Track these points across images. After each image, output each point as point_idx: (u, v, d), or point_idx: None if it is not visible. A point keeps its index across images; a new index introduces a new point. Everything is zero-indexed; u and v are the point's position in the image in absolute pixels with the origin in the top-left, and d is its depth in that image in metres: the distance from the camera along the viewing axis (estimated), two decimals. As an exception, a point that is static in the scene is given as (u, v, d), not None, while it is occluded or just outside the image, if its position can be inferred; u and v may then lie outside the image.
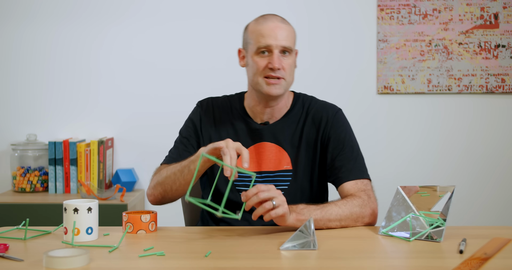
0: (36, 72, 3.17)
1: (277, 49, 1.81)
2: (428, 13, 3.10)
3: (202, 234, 1.69)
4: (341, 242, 1.60)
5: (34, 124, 3.18)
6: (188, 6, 3.14)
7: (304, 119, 1.92)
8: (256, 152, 1.89)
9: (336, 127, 1.91)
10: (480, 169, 3.15)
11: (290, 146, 1.89)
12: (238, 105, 1.95)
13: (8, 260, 1.41)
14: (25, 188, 3.00)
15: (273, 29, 1.81)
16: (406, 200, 1.67)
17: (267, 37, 1.81)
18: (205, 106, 1.97)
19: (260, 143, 1.90)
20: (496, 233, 1.64)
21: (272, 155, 1.89)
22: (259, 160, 1.89)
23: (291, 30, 1.85)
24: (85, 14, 3.15)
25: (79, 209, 1.56)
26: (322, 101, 1.98)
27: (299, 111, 1.93)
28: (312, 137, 1.91)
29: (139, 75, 3.16)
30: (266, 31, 1.82)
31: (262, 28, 1.83)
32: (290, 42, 1.83)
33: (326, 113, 1.92)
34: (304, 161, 1.89)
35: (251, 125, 1.91)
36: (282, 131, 1.90)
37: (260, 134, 1.90)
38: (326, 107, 1.95)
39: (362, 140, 3.15)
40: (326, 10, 3.13)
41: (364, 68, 3.14)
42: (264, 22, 1.84)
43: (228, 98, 1.99)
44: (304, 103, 1.95)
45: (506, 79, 3.10)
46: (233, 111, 1.95)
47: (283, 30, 1.82)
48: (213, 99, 1.99)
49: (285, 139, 1.90)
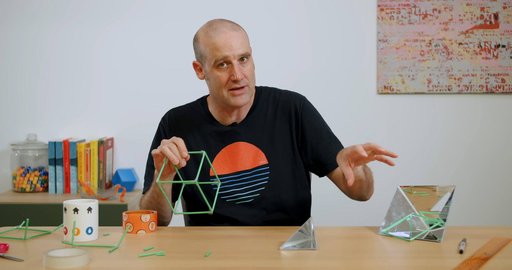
0: (36, 72, 3.17)
1: (235, 59, 1.78)
2: (428, 13, 3.10)
3: (202, 234, 1.69)
4: (341, 242, 1.60)
5: (34, 124, 3.18)
6: (188, 6, 3.14)
7: (273, 112, 1.92)
8: (229, 153, 1.89)
9: (308, 117, 1.92)
10: (480, 169, 3.15)
11: (262, 141, 1.89)
12: (202, 111, 1.94)
13: (8, 260, 1.41)
14: (25, 188, 3.00)
15: (227, 40, 1.78)
16: (406, 200, 1.67)
17: (222, 50, 1.77)
18: (167, 121, 1.96)
19: (232, 144, 1.89)
20: (496, 233, 1.63)
21: (245, 153, 1.88)
22: (233, 161, 1.88)
23: (243, 35, 1.82)
24: (85, 14, 3.15)
25: (79, 209, 1.56)
26: (285, 91, 1.97)
27: (264, 105, 1.93)
28: (284, 129, 1.91)
29: (139, 74, 3.16)
30: (219, 44, 1.78)
31: (215, 42, 1.79)
32: (246, 47, 1.80)
33: (294, 103, 1.92)
34: (281, 153, 1.89)
35: (220, 129, 1.90)
36: (251, 129, 1.90)
37: (230, 135, 1.90)
38: (292, 97, 1.94)
39: (362, 140, 3.16)
40: (326, 10, 3.13)
41: (364, 68, 3.14)
42: (215, 34, 1.79)
43: (190, 106, 1.98)
44: (267, 96, 1.94)
45: (506, 79, 3.10)
46: (198, 118, 1.93)
47: (236, 38, 1.79)
48: (174, 110, 1.98)
49: (255, 135, 1.89)
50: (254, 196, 1.87)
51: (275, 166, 1.88)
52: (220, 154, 1.89)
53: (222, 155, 1.89)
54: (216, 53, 1.78)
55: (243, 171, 1.88)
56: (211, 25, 1.83)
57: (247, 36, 1.85)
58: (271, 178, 1.88)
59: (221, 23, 1.82)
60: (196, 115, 1.94)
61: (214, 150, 1.89)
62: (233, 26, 1.82)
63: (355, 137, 3.12)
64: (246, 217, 1.86)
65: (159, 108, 3.14)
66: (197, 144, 1.90)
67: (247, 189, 1.87)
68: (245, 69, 1.81)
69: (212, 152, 1.89)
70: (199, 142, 1.90)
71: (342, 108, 3.15)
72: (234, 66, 1.78)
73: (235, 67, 1.78)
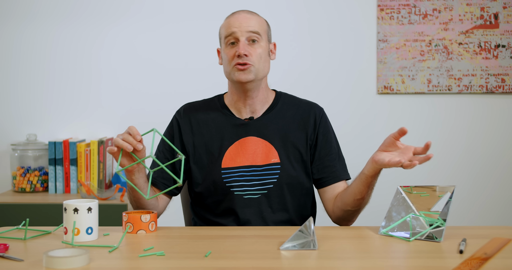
0: (36, 72, 3.17)
1: (243, 36, 1.85)
2: (428, 13, 3.10)
3: (202, 234, 1.69)
4: (341, 242, 1.60)
5: (34, 124, 3.18)
6: (188, 6, 3.14)
7: (291, 116, 1.94)
8: (242, 146, 1.90)
9: (325, 128, 1.96)
10: (480, 169, 3.15)
11: (276, 140, 1.91)
12: (218, 104, 1.97)
13: (8, 260, 1.41)
14: (25, 188, 3.00)
15: (238, 19, 1.86)
16: (406, 200, 1.67)
17: (232, 27, 1.86)
18: (182, 113, 1.98)
19: (246, 138, 1.91)
20: (496, 233, 1.64)
21: (258, 149, 1.90)
22: (245, 155, 1.90)
23: (259, 20, 1.89)
24: (85, 14, 3.15)
25: (79, 209, 1.56)
26: (305, 100, 2.02)
27: (284, 107, 1.96)
28: (300, 134, 1.93)
29: (139, 74, 3.17)
30: (231, 22, 1.87)
31: (228, 21, 1.88)
32: (256, 28, 1.86)
33: (314, 112, 1.96)
34: (293, 155, 1.91)
35: (235, 121, 1.93)
36: (267, 126, 1.92)
37: (245, 129, 1.92)
38: (313, 106, 1.99)
39: (362, 140, 3.17)
40: (326, 10, 3.14)
41: (364, 68, 3.14)
42: (231, 16, 1.90)
43: (205, 101, 2.01)
44: (288, 100, 1.98)
45: (506, 79, 3.10)
46: (213, 110, 1.96)
47: (248, 19, 1.87)
48: (189, 104, 2.01)
49: (270, 133, 1.91)
50: (262, 193, 1.88)
51: (286, 166, 1.89)
52: (233, 147, 1.90)
53: (235, 147, 1.90)
54: (226, 30, 1.87)
55: (254, 166, 1.89)
56: (232, 12, 1.93)
57: (265, 24, 1.91)
58: (280, 177, 1.89)
59: (241, 10, 1.93)
60: (211, 108, 1.97)
61: (227, 141, 1.91)
62: (252, 12, 1.91)
63: (355, 137, 3.13)
64: (251, 214, 1.87)
65: (159, 108, 3.16)
66: (211, 136, 1.92)
67: (255, 184, 1.88)
68: (252, 49, 1.85)
69: (225, 143, 1.90)
70: (214, 134, 1.92)
71: (341, 108, 3.15)
72: (240, 43, 1.84)
73: (240, 43, 1.84)
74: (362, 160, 3.09)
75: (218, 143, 1.91)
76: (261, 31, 1.88)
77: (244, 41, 1.84)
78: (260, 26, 1.88)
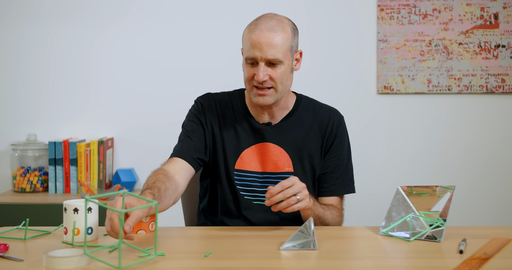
0: (36, 72, 3.17)
1: (263, 61, 1.77)
2: (428, 13, 3.10)
3: (202, 234, 1.69)
4: (341, 242, 1.60)
5: (34, 124, 3.18)
6: (188, 6, 3.14)
7: (310, 123, 1.92)
8: (258, 152, 1.89)
9: (341, 138, 1.94)
10: (480, 169, 3.15)
11: (292, 149, 1.89)
12: (239, 102, 1.94)
13: (8, 260, 1.41)
14: (25, 188, 3.00)
15: (260, 40, 1.75)
16: (406, 200, 1.67)
17: (253, 49, 1.76)
18: (207, 101, 1.94)
19: (263, 144, 1.89)
20: (496, 233, 1.64)
21: (274, 156, 1.89)
22: (260, 160, 1.89)
23: (281, 38, 1.76)
24: (85, 14, 3.15)
25: (79, 209, 1.56)
26: (326, 105, 1.98)
27: (303, 113, 1.93)
28: (316, 142, 1.91)
29: (139, 74, 3.16)
30: (252, 42, 1.76)
31: (250, 38, 1.77)
32: (278, 52, 1.76)
33: (333, 120, 1.94)
34: (306, 164, 1.90)
35: (254, 125, 1.90)
36: (284, 133, 1.90)
37: (262, 134, 1.90)
38: (333, 113, 1.96)
39: (362, 140, 3.17)
40: (326, 10, 3.14)
41: (364, 68, 3.14)
42: (253, 31, 1.77)
43: (228, 95, 1.97)
44: (307, 105, 1.95)
45: (506, 79, 3.10)
46: (234, 108, 1.93)
47: (270, 40, 1.75)
48: (212, 94, 1.97)
49: (287, 141, 1.90)
50: None
51: (299, 176, 1.85)
52: (248, 150, 1.89)
53: (251, 151, 1.89)
54: (248, 50, 1.78)
55: (268, 173, 1.88)
56: (257, 19, 1.81)
57: (288, 40, 1.79)
58: None
59: (265, 20, 1.79)
60: (233, 105, 1.94)
61: (244, 144, 1.89)
62: (274, 27, 1.77)
63: (355, 137, 3.12)
64: (257, 219, 1.87)
65: (159, 109, 3.16)
66: (228, 136, 1.90)
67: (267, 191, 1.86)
68: (274, 72, 1.78)
69: (241, 146, 1.89)
70: (230, 134, 1.90)
71: (342, 108, 3.11)
72: (259, 67, 1.77)
73: (260, 69, 1.76)
74: (362, 160, 3.10)
75: (235, 143, 1.89)
76: (283, 53, 1.77)
77: (263, 66, 1.77)
78: (282, 46, 1.77)
